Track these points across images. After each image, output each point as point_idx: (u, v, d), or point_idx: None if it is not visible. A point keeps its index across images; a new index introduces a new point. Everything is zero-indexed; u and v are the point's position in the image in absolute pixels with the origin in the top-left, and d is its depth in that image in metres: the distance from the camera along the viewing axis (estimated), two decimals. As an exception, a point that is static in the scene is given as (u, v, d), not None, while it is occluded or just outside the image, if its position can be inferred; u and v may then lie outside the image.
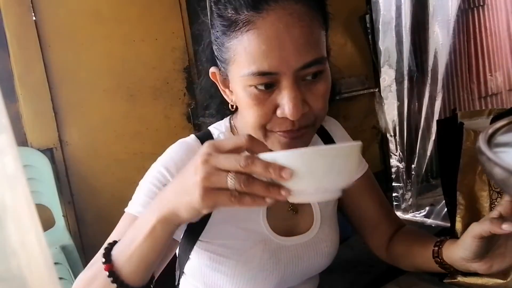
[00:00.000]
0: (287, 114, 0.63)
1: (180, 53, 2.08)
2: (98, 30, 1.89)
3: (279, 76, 0.63)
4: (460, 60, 3.20)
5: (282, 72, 0.62)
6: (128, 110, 1.96)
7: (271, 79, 0.63)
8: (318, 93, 0.66)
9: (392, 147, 2.73)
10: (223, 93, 0.76)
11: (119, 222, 0.74)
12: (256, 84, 0.64)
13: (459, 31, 3.14)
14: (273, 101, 0.65)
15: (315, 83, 0.66)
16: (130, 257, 0.60)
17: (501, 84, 3.40)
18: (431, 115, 2.73)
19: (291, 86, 0.63)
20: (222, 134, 0.80)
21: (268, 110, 0.65)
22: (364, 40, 2.71)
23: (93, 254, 0.70)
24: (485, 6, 3.29)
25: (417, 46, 2.76)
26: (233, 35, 0.64)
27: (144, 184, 0.77)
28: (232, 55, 0.66)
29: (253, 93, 0.65)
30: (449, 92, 3.15)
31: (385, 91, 2.68)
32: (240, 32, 0.63)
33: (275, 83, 0.64)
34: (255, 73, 0.63)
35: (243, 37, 0.63)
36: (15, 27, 1.73)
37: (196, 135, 0.81)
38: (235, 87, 0.69)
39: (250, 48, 0.62)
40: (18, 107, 1.76)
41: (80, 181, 1.86)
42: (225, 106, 0.82)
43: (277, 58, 0.61)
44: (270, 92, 0.65)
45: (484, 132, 0.47)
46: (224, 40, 0.66)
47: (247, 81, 0.64)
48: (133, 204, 0.75)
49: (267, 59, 0.61)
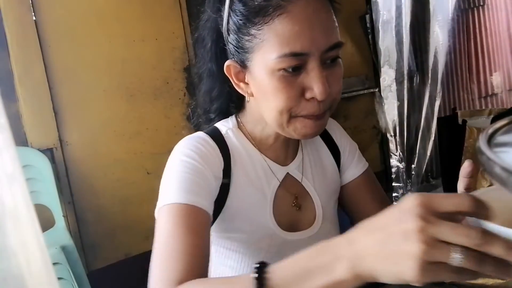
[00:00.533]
0: (316, 94, 0.67)
1: (180, 53, 2.08)
2: (98, 30, 1.89)
3: (307, 58, 0.67)
4: (460, 60, 3.20)
5: (311, 53, 0.66)
6: (128, 110, 1.96)
7: (300, 60, 0.67)
8: (336, 76, 0.71)
9: (392, 147, 2.73)
10: (237, 87, 0.77)
11: (169, 219, 0.68)
12: (285, 66, 0.67)
13: (459, 31, 3.14)
14: (300, 83, 0.68)
15: (333, 66, 0.71)
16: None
17: (501, 84, 3.40)
18: (431, 115, 2.72)
19: (319, 67, 0.67)
20: (230, 131, 0.81)
21: (297, 92, 0.68)
22: (364, 40, 2.71)
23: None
24: (485, 6, 3.29)
25: (417, 46, 2.76)
26: (262, 21, 0.67)
27: (175, 174, 0.73)
28: (259, 41, 0.68)
29: (282, 76, 0.68)
30: (449, 92, 3.15)
31: (385, 91, 2.68)
32: (270, 17, 0.66)
33: (303, 65, 0.67)
34: (287, 54, 0.66)
35: (274, 22, 0.66)
36: (15, 27, 1.73)
37: (205, 132, 0.81)
38: (258, 75, 0.70)
39: (282, 31, 0.66)
40: (18, 107, 1.76)
41: (80, 181, 1.86)
42: (232, 103, 0.82)
43: (308, 38, 0.66)
44: (298, 75, 0.68)
45: (484, 132, 0.47)
46: (249, 28, 0.69)
47: (277, 65, 0.67)
48: (175, 194, 0.70)
49: (300, 39, 0.65)
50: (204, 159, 0.75)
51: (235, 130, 0.82)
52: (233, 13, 0.71)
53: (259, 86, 0.72)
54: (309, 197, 0.85)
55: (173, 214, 0.69)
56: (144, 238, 1.97)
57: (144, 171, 1.99)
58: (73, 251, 1.67)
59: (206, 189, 0.73)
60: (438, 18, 2.61)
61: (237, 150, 0.80)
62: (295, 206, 0.83)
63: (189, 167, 0.73)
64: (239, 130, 0.82)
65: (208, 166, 0.75)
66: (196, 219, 0.69)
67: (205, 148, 0.76)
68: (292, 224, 0.82)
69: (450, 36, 2.66)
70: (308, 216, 0.84)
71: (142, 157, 1.98)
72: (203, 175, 0.73)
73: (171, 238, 0.66)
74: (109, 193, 1.91)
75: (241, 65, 0.73)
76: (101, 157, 1.90)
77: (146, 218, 1.98)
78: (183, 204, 0.69)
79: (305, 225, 0.84)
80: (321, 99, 0.68)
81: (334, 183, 0.90)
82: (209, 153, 0.76)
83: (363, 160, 0.94)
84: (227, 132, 0.81)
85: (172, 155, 0.78)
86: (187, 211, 0.69)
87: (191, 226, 0.68)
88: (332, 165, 0.90)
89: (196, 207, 0.70)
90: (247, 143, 0.81)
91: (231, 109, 0.84)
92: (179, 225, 0.67)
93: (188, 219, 0.68)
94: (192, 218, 0.68)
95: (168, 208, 0.70)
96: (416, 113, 2.73)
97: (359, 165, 0.92)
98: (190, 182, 0.71)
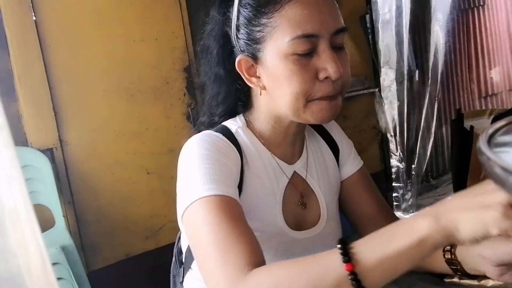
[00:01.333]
0: (330, 73, 0.70)
1: (180, 53, 2.08)
2: (98, 30, 1.89)
3: (318, 40, 0.70)
4: (460, 60, 3.20)
5: (322, 34, 0.70)
6: (128, 110, 1.95)
7: (311, 43, 0.70)
8: (344, 60, 0.74)
9: (392, 147, 2.73)
10: (248, 82, 0.78)
11: (208, 211, 0.65)
12: (298, 50, 0.70)
13: (459, 31, 3.14)
14: (313, 66, 0.71)
15: (341, 52, 0.74)
16: (382, 261, 0.52)
17: (501, 84, 3.40)
18: (431, 115, 2.73)
19: (330, 48, 0.71)
20: (240, 129, 0.81)
21: (312, 74, 0.71)
22: (364, 40, 2.71)
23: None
24: (485, 6, 3.29)
25: (417, 46, 2.77)
26: (272, 9, 0.71)
27: (197, 168, 0.70)
28: (271, 28, 0.72)
29: (296, 59, 0.71)
30: (449, 92, 3.15)
31: (385, 91, 2.68)
32: (280, 4, 0.70)
33: (314, 48, 0.71)
34: (300, 36, 0.69)
35: (284, 8, 0.70)
36: (15, 27, 1.73)
37: (213, 130, 0.80)
38: (271, 63, 0.73)
39: (293, 15, 0.70)
40: (18, 107, 1.76)
41: (80, 181, 1.86)
42: (240, 102, 0.83)
43: (318, 20, 0.70)
44: (310, 58, 0.71)
45: (484, 132, 0.47)
46: (260, 18, 0.73)
47: (290, 48, 0.70)
48: (205, 186, 0.68)
49: (311, 21, 0.70)
50: (223, 151, 0.74)
51: (244, 129, 0.82)
52: (243, 8, 0.75)
53: (272, 75, 0.74)
54: (314, 195, 0.86)
55: (211, 206, 0.66)
56: (144, 238, 1.97)
57: (144, 171, 1.99)
58: (73, 251, 1.67)
59: (232, 179, 0.73)
60: (438, 18, 2.61)
61: (248, 148, 0.80)
62: (301, 205, 0.84)
63: (211, 159, 0.71)
64: (247, 129, 0.82)
65: (228, 157, 0.74)
66: (235, 209, 0.68)
67: (221, 142, 0.76)
68: (298, 223, 0.83)
69: (450, 36, 2.66)
70: (313, 214, 0.85)
71: (142, 157, 1.98)
72: (227, 166, 0.72)
73: (220, 227, 0.63)
74: (109, 193, 1.91)
75: (253, 58, 0.75)
76: (101, 157, 1.90)
77: (146, 218, 1.99)
78: (218, 195, 0.67)
79: (310, 223, 0.84)
80: (335, 77, 0.70)
81: (336, 181, 0.90)
82: (226, 147, 0.76)
83: (358, 158, 0.95)
84: (237, 131, 0.81)
85: (187, 150, 0.75)
86: (224, 202, 0.66)
87: (234, 215, 0.66)
88: (333, 163, 0.91)
89: (230, 197, 0.68)
90: (256, 141, 0.82)
91: (238, 108, 0.84)
92: (222, 215, 0.64)
93: (228, 208, 0.66)
94: (231, 208, 0.67)
95: (202, 202, 0.67)
96: (416, 113, 2.73)
97: (355, 162, 0.93)
98: (218, 173, 0.70)
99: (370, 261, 0.52)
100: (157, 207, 1.95)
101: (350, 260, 0.52)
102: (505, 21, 3.40)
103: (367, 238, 0.55)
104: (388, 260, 0.51)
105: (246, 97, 0.83)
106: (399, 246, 0.51)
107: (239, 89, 0.82)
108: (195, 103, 2.12)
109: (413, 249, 0.50)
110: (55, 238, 1.68)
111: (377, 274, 0.52)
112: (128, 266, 1.91)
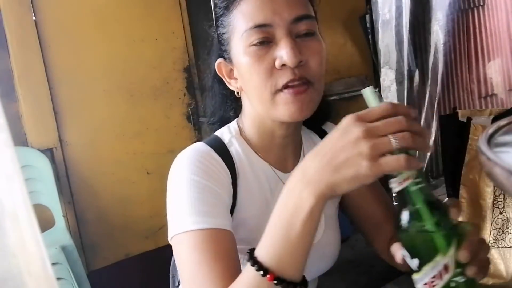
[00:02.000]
0: (285, 60, 0.67)
1: (180, 53, 2.08)
2: (98, 30, 1.89)
3: (273, 30, 0.69)
4: (460, 60, 3.20)
5: (276, 24, 0.69)
6: (128, 110, 1.96)
7: (266, 33, 0.69)
8: (313, 49, 0.71)
9: (392, 147, 2.73)
10: (229, 85, 0.78)
11: (193, 247, 0.67)
12: (253, 40, 0.69)
13: (459, 31, 3.14)
14: (271, 55, 0.69)
15: (309, 40, 0.71)
16: (291, 255, 0.56)
17: (501, 84, 3.40)
18: (431, 115, 2.73)
19: (286, 36, 0.69)
20: (234, 138, 0.80)
21: (268, 64, 0.69)
22: (364, 40, 2.71)
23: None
24: (485, 6, 3.29)
25: (417, 46, 2.76)
26: (232, 7, 0.72)
27: (187, 196, 0.70)
28: (232, 27, 0.72)
29: (253, 51, 0.69)
30: (449, 92, 3.15)
31: (385, 91, 2.68)
32: (237, 2, 0.71)
33: (271, 38, 0.69)
34: (251, 27, 0.69)
35: (240, 5, 0.71)
36: (15, 27, 1.73)
37: (204, 142, 0.79)
38: (237, 60, 0.72)
39: (247, 9, 0.70)
40: (18, 107, 1.76)
41: (80, 181, 1.86)
42: (229, 109, 0.82)
43: (270, 9, 0.69)
44: (268, 48, 0.69)
45: (485, 132, 0.47)
46: (226, 18, 0.73)
47: (246, 40, 0.69)
48: (192, 219, 0.68)
49: (263, 11, 0.69)
50: (213, 175, 0.72)
51: (237, 137, 0.80)
52: (216, 10, 0.76)
53: (240, 73, 0.73)
54: None
55: (196, 241, 0.66)
56: (144, 238, 1.97)
57: (144, 171, 1.99)
58: (73, 251, 1.67)
59: (222, 207, 0.71)
60: (438, 18, 2.61)
61: (241, 159, 0.78)
62: None
63: (201, 187, 0.70)
64: (240, 137, 0.80)
65: (218, 182, 0.73)
66: (221, 243, 0.67)
67: (211, 163, 0.74)
68: None
69: (450, 36, 2.66)
70: None
71: (142, 157, 1.98)
72: (216, 193, 0.71)
73: (201, 266, 0.65)
74: (109, 193, 1.91)
75: (228, 61, 0.76)
76: (101, 157, 1.90)
77: (146, 218, 1.99)
78: (204, 229, 0.67)
79: None
80: (291, 63, 0.67)
81: None
82: (216, 169, 0.74)
83: None
84: (230, 141, 0.79)
85: (177, 171, 0.74)
86: (211, 236, 0.66)
87: (218, 251, 0.66)
88: None
89: (218, 230, 0.68)
90: (248, 150, 0.80)
91: (230, 115, 0.84)
92: (205, 252, 0.65)
93: (213, 245, 0.66)
94: (217, 243, 0.66)
95: (188, 236, 0.67)
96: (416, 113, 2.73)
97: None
98: (206, 204, 0.69)
99: (285, 259, 0.56)
100: (157, 207, 1.94)
101: (267, 271, 0.55)
102: (505, 21, 3.40)
103: (268, 242, 0.58)
104: (296, 247, 0.55)
105: (233, 101, 0.83)
106: (297, 231, 0.55)
107: (225, 94, 0.82)
108: (195, 103, 2.12)
109: (308, 223, 0.55)
110: (55, 238, 1.68)
111: (295, 265, 0.56)
112: (128, 266, 1.90)
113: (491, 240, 0.82)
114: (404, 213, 0.56)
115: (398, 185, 0.54)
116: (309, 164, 0.56)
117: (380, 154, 0.51)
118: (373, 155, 0.50)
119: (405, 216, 0.57)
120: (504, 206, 0.82)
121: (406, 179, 0.53)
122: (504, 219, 0.81)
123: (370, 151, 0.50)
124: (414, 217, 0.55)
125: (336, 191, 0.54)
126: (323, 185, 0.54)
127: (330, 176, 0.53)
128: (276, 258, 0.56)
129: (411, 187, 0.54)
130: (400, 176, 0.53)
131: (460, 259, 0.53)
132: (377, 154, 0.51)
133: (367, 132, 0.51)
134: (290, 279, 0.56)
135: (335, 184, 0.53)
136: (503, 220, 0.81)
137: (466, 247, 0.53)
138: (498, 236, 0.81)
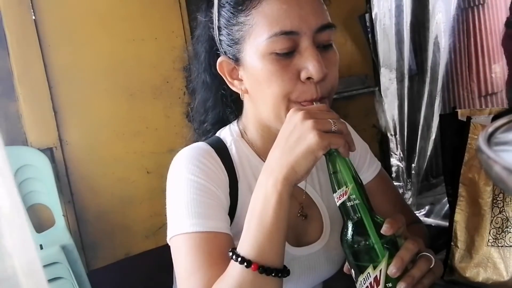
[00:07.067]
0: (312, 73, 0.65)
1: (179, 52, 2.08)
2: (98, 29, 1.89)
3: (299, 38, 0.65)
4: (460, 59, 3.19)
5: (303, 32, 0.65)
6: (128, 110, 1.95)
7: (292, 41, 0.65)
8: (332, 61, 0.70)
9: (392, 146, 2.73)
10: (230, 85, 0.75)
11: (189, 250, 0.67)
12: (277, 48, 0.65)
13: (459, 30, 3.13)
14: (295, 66, 0.66)
15: (327, 51, 0.70)
16: (270, 242, 0.59)
17: (501, 82, 3.40)
18: (431, 114, 2.72)
19: (312, 46, 0.66)
20: (235, 142, 0.79)
21: (293, 75, 0.66)
22: (364, 39, 2.71)
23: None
24: (485, 5, 3.28)
25: (417, 45, 2.76)
26: (250, 6, 0.67)
27: (185, 197, 0.70)
28: (249, 27, 0.67)
29: (275, 59, 0.66)
30: (449, 91, 3.15)
31: (385, 90, 2.68)
32: (258, 1, 0.66)
33: (295, 47, 0.66)
34: (278, 33, 0.65)
35: (261, 4, 0.66)
36: (15, 26, 1.72)
37: (206, 142, 0.78)
38: (251, 63, 0.69)
39: (271, 11, 0.65)
40: (17, 106, 1.76)
41: (80, 180, 1.86)
42: (228, 109, 0.81)
43: (297, 16, 0.65)
44: (291, 58, 0.66)
45: (484, 131, 0.47)
46: (238, 17, 0.68)
47: (268, 47, 0.65)
48: (190, 221, 0.68)
49: (289, 17, 0.65)
50: (211, 175, 0.72)
51: (239, 140, 0.79)
52: (222, 8, 0.71)
53: (253, 76, 0.69)
54: (315, 206, 0.82)
55: (192, 244, 0.66)
56: (144, 237, 1.97)
57: (144, 170, 1.99)
58: (73, 251, 1.67)
59: (220, 209, 0.71)
60: (438, 17, 2.61)
61: (241, 163, 0.77)
62: (301, 216, 0.80)
63: (199, 188, 0.70)
64: (242, 140, 0.79)
65: (215, 182, 0.72)
66: (217, 246, 0.67)
67: (210, 162, 0.73)
68: (299, 237, 0.79)
69: (450, 35, 2.66)
70: (315, 226, 0.81)
71: (142, 157, 1.98)
72: (213, 193, 0.71)
73: (193, 270, 0.65)
74: (109, 192, 1.91)
75: (234, 60, 0.72)
76: (101, 157, 1.90)
77: (146, 217, 1.99)
78: (201, 232, 0.66)
79: (312, 236, 0.80)
80: (317, 77, 0.65)
81: None
82: (214, 168, 0.73)
83: (375, 162, 0.91)
84: (232, 143, 0.78)
85: (176, 170, 0.74)
86: (206, 239, 0.66)
87: (213, 254, 0.65)
88: None
89: (216, 233, 0.67)
90: (251, 153, 0.79)
91: (229, 116, 0.82)
92: (200, 255, 0.65)
93: (208, 247, 0.66)
94: (212, 246, 0.66)
95: (185, 238, 0.67)
96: (416, 112, 2.73)
97: (370, 169, 0.89)
98: (204, 205, 0.69)
99: (265, 248, 0.59)
100: (157, 206, 1.95)
101: (251, 262, 0.59)
102: (505, 20, 3.39)
103: (247, 236, 0.62)
104: (273, 233, 0.59)
105: (234, 102, 0.81)
106: (271, 217, 0.59)
107: (224, 94, 0.80)
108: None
109: (278, 210, 0.59)
110: (55, 237, 1.68)
111: (274, 250, 0.60)
112: (128, 266, 1.90)
113: (491, 239, 0.82)
114: (344, 225, 0.61)
115: (337, 200, 0.60)
116: (271, 157, 0.62)
117: (324, 131, 0.58)
118: (318, 128, 0.57)
119: (344, 228, 0.61)
120: (503, 205, 0.81)
121: (342, 195, 0.59)
122: (503, 218, 0.81)
123: (315, 124, 0.57)
124: (348, 230, 0.60)
125: (297, 171, 0.58)
126: (284, 169, 0.59)
127: (287, 159, 0.59)
128: (256, 248, 0.59)
129: (347, 202, 0.59)
130: (338, 191, 0.59)
131: (388, 273, 0.56)
132: (321, 128, 0.57)
133: (309, 114, 0.59)
134: (272, 266, 0.59)
135: (294, 164, 0.58)
136: (502, 219, 0.81)
137: (394, 262, 0.56)
138: (497, 235, 0.81)
